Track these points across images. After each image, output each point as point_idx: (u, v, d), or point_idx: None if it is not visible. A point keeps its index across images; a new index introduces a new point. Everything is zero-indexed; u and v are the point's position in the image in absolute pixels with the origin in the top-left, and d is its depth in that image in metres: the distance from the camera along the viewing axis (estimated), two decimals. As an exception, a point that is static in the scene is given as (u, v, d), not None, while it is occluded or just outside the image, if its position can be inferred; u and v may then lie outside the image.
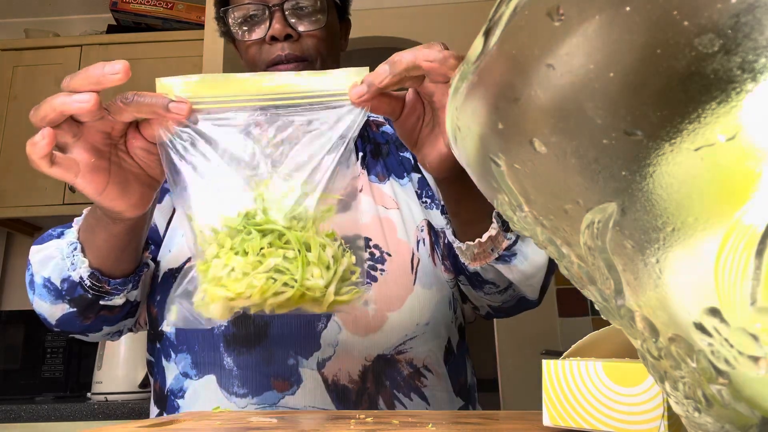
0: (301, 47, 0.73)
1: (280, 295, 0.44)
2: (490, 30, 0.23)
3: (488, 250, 0.63)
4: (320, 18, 0.73)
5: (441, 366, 0.73)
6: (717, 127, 0.19)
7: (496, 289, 0.69)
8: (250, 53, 0.75)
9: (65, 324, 0.68)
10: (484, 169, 0.28)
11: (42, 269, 0.65)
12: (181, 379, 0.70)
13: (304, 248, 0.44)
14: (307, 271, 0.44)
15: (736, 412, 0.20)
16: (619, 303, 0.24)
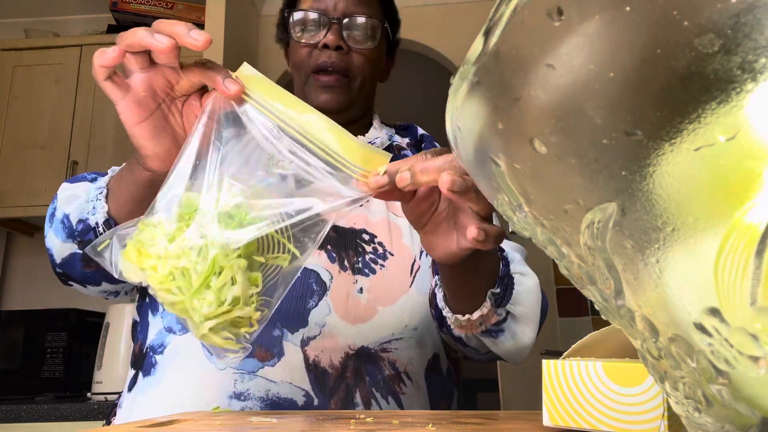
0: (346, 61, 0.78)
1: (170, 294, 0.44)
2: (490, 30, 0.23)
3: (476, 324, 0.63)
4: (371, 41, 0.80)
5: (421, 378, 0.73)
6: (717, 127, 0.19)
7: (477, 353, 0.71)
8: (300, 54, 0.80)
9: (68, 265, 0.69)
10: (484, 169, 0.28)
11: (65, 206, 0.66)
12: (164, 333, 0.70)
13: (213, 270, 0.43)
14: (203, 293, 0.43)
15: (736, 412, 0.20)
16: (619, 303, 0.24)
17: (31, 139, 2.19)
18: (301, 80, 0.81)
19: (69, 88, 2.22)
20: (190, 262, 0.43)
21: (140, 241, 0.44)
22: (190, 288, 0.43)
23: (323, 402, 0.66)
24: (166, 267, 0.43)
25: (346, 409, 0.66)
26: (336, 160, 0.48)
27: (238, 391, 0.65)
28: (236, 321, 0.45)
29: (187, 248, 0.43)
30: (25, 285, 2.40)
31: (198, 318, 0.43)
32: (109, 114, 2.20)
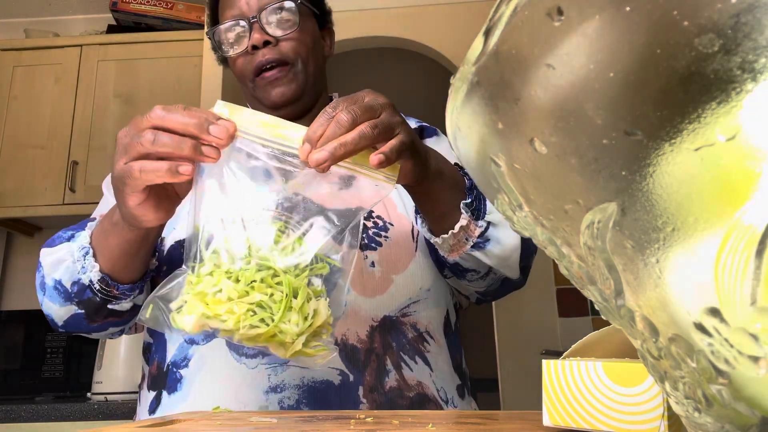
0: (279, 51, 0.79)
1: (253, 329, 0.46)
2: (490, 30, 0.23)
3: (462, 240, 0.66)
4: (294, 24, 0.80)
5: (441, 336, 0.76)
6: (717, 127, 0.19)
7: (478, 275, 0.73)
8: (238, 66, 0.82)
9: (72, 325, 0.71)
10: (484, 169, 0.28)
11: (53, 272, 0.67)
12: (185, 347, 0.70)
13: (291, 293, 0.47)
14: (287, 315, 0.46)
15: (736, 412, 0.20)
16: (619, 303, 0.24)
17: (31, 139, 2.19)
18: (249, 88, 0.82)
19: (69, 88, 2.22)
20: (266, 295, 0.46)
21: (202, 293, 0.46)
22: (271, 317, 0.46)
23: (358, 377, 0.67)
24: (242, 307, 0.45)
25: (380, 378, 0.68)
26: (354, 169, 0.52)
27: (273, 385, 0.66)
28: (318, 331, 0.49)
29: (258, 283, 0.46)
30: (25, 285, 2.40)
31: (290, 339, 0.47)
32: (109, 114, 2.20)
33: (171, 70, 2.22)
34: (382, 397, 0.67)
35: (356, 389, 0.67)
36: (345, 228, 0.51)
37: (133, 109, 2.19)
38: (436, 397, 0.71)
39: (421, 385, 0.70)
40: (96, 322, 0.70)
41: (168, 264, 0.74)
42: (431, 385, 0.71)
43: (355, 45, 2.59)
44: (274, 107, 0.81)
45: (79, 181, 2.12)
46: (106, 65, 2.23)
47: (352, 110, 0.51)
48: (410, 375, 0.70)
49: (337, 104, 0.52)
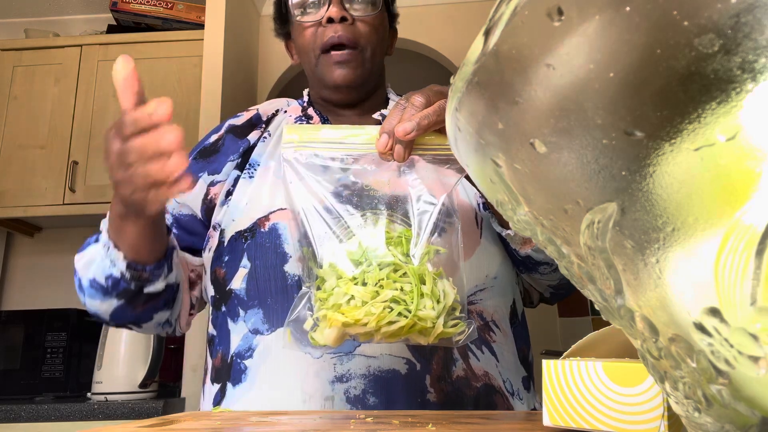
0: (353, 32, 0.79)
1: (393, 323, 0.48)
2: (490, 30, 0.23)
3: None
4: (373, 7, 0.80)
5: (507, 325, 0.75)
6: (717, 127, 0.19)
7: (550, 268, 0.72)
8: (306, 36, 0.80)
9: (118, 317, 0.73)
10: (484, 169, 0.28)
11: (86, 272, 0.70)
12: (250, 337, 0.70)
13: (419, 281, 0.49)
14: (421, 302, 0.48)
15: (736, 412, 0.20)
16: (619, 303, 0.24)
17: (31, 139, 2.19)
18: (312, 63, 0.81)
19: (69, 88, 2.22)
20: (396, 290, 0.48)
21: (336, 304, 0.48)
22: (407, 308, 0.48)
23: (425, 365, 0.66)
24: (378, 306, 0.47)
25: (447, 367, 0.67)
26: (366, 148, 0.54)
27: (339, 374, 0.65)
28: (450, 309, 0.50)
29: (385, 280, 0.48)
30: (25, 285, 2.40)
31: (430, 323, 0.48)
32: (109, 114, 2.20)
33: (171, 70, 2.22)
34: (449, 387, 0.66)
35: (423, 378, 0.65)
36: (432, 212, 0.53)
37: (133, 109, 2.19)
38: (503, 389, 0.70)
39: (488, 375, 0.69)
40: (138, 309, 0.72)
41: (230, 254, 0.74)
42: (497, 376, 0.70)
43: (355, 45, 2.58)
44: (335, 87, 0.80)
45: (79, 181, 2.12)
46: (106, 65, 2.23)
47: (424, 94, 0.54)
48: (477, 365, 0.69)
49: (407, 96, 0.54)
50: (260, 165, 0.79)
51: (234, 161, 0.80)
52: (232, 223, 0.76)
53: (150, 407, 1.65)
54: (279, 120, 0.86)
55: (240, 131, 0.84)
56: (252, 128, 0.84)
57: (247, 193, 0.77)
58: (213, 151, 0.83)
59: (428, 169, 0.55)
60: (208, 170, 0.81)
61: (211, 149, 0.83)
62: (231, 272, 0.73)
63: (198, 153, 0.84)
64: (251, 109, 0.89)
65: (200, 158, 0.83)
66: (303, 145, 0.53)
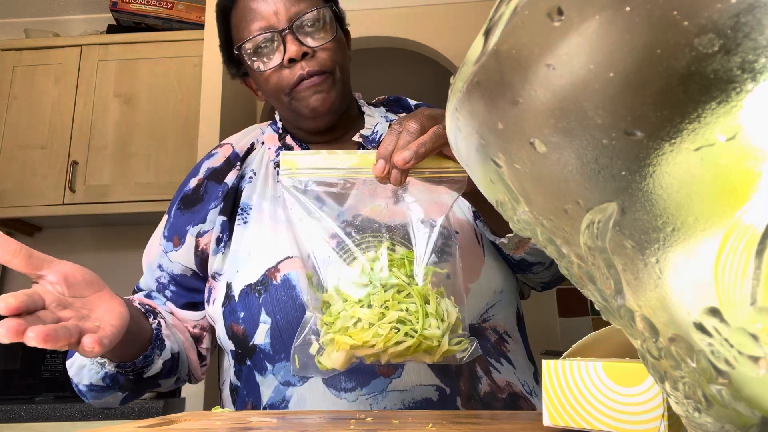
0: (318, 62, 0.76)
1: (400, 344, 0.49)
2: (490, 30, 0.23)
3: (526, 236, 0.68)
4: (328, 31, 0.77)
5: (516, 331, 0.78)
6: (717, 127, 0.19)
7: (543, 266, 0.74)
8: (271, 82, 0.77)
9: (128, 400, 0.75)
10: (484, 169, 0.28)
11: (81, 379, 0.71)
12: (282, 389, 0.70)
13: (423, 301, 0.50)
14: (426, 322, 0.49)
15: (736, 412, 0.20)
16: (619, 303, 0.24)
17: (31, 139, 2.19)
18: (284, 102, 0.79)
19: (69, 88, 2.22)
20: (401, 310, 0.49)
21: (344, 327, 0.49)
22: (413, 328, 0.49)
23: (454, 388, 0.67)
24: (385, 327, 0.48)
25: (474, 385, 0.69)
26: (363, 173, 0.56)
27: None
28: (454, 327, 0.52)
29: (391, 302, 0.49)
30: (25, 285, 2.40)
31: (436, 342, 0.49)
32: (109, 114, 2.20)
33: (171, 70, 2.22)
34: (479, 404, 0.68)
35: (454, 400, 0.67)
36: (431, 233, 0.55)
37: (132, 109, 2.19)
38: (524, 393, 0.72)
39: (510, 384, 0.71)
40: (145, 390, 0.74)
41: (245, 310, 0.73)
42: (517, 383, 0.72)
43: (356, 45, 2.58)
44: (314, 115, 0.78)
45: (79, 181, 2.12)
46: (106, 65, 2.23)
47: (418, 120, 0.54)
48: (499, 377, 0.71)
49: (401, 121, 0.55)
50: (252, 208, 0.79)
51: (217, 207, 0.79)
52: (237, 275, 0.75)
53: (150, 407, 1.65)
54: (259, 155, 0.84)
55: (218, 175, 0.83)
56: (230, 168, 0.83)
57: (246, 240, 0.76)
58: (196, 199, 0.82)
59: (423, 190, 0.56)
60: (193, 222, 0.80)
61: (193, 197, 0.82)
62: (251, 328, 0.72)
63: (180, 202, 0.83)
64: (225, 144, 0.87)
65: (185, 209, 0.82)
66: (301, 172, 0.54)
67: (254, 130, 0.90)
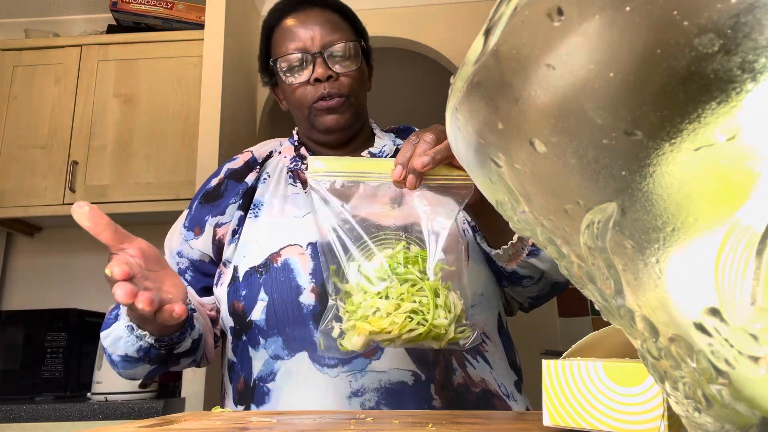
0: (339, 86, 0.88)
1: (413, 331, 0.55)
2: (490, 30, 0.23)
3: (520, 249, 0.75)
4: (353, 62, 0.89)
5: (496, 335, 0.83)
6: (717, 127, 0.19)
7: (532, 281, 0.80)
8: (296, 94, 0.89)
9: (152, 375, 0.82)
10: (484, 169, 0.28)
11: (116, 349, 0.76)
12: (271, 362, 0.78)
13: (434, 295, 0.56)
14: (436, 313, 0.56)
15: (736, 412, 0.20)
16: (619, 303, 0.24)
17: (31, 139, 2.19)
18: (304, 114, 0.90)
19: (69, 88, 2.22)
20: (414, 302, 0.56)
21: (364, 316, 0.56)
22: (424, 318, 0.55)
23: (429, 375, 0.74)
24: (401, 317, 0.55)
25: (448, 376, 0.75)
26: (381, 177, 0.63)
27: (354, 390, 0.72)
28: (458, 318, 0.58)
29: (406, 294, 0.56)
30: (25, 285, 2.40)
31: (443, 330, 0.56)
32: (109, 114, 2.20)
33: (171, 70, 2.22)
34: (452, 393, 0.74)
35: (429, 387, 0.73)
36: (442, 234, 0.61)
37: (132, 109, 2.19)
38: (498, 392, 0.77)
39: (484, 381, 0.77)
40: (169, 365, 0.81)
41: (247, 288, 0.81)
42: (493, 382, 0.77)
43: (355, 45, 2.58)
44: (328, 131, 0.90)
45: (79, 181, 2.12)
46: (106, 65, 2.23)
47: (434, 132, 0.62)
48: (474, 372, 0.76)
49: (418, 133, 0.63)
50: (264, 204, 0.89)
51: (236, 203, 0.89)
52: (244, 260, 0.83)
53: (150, 407, 1.65)
54: (276, 161, 0.95)
55: (238, 175, 0.93)
56: (249, 170, 0.94)
57: (255, 231, 0.86)
58: (217, 195, 0.92)
59: (433, 197, 0.63)
60: (213, 213, 0.90)
61: (214, 194, 0.93)
62: (250, 305, 0.80)
63: (202, 197, 0.93)
64: (246, 152, 0.98)
65: (205, 203, 0.92)
66: (327, 174, 0.61)
67: (274, 141, 1.02)
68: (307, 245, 0.80)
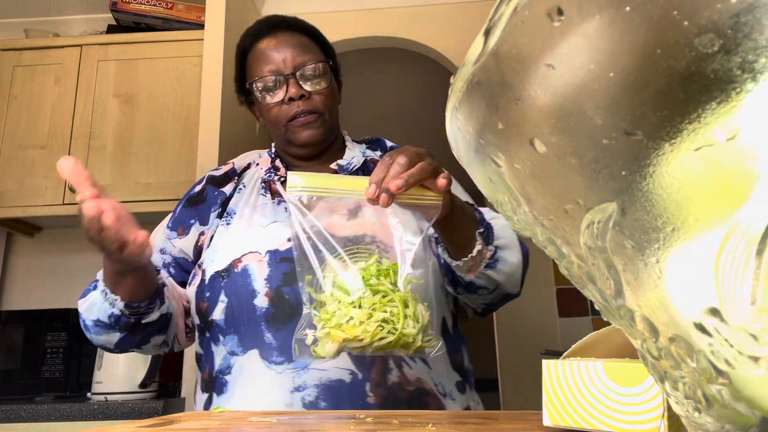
0: (312, 103, 0.96)
1: (383, 339, 0.58)
2: (490, 30, 0.23)
3: (478, 262, 0.80)
4: (324, 80, 0.97)
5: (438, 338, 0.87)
6: (717, 127, 0.19)
7: (487, 291, 0.86)
8: (272, 113, 0.97)
9: (122, 345, 0.90)
10: (484, 169, 0.28)
11: (90, 314, 0.86)
12: (228, 357, 0.86)
13: (404, 305, 0.60)
14: (405, 323, 0.59)
15: (736, 412, 0.20)
16: (619, 303, 0.24)
17: (31, 139, 2.19)
18: (280, 132, 0.98)
19: (69, 88, 2.22)
20: (385, 312, 0.59)
21: (338, 324, 0.59)
22: (394, 327, 0.59)
23: (365, 374, 0.80)
24: (372, 326, 0.58)
25: (384, 375, 0.80)
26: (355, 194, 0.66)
27: (297, 385, 0.79)
28: (426, 328, 0.62)
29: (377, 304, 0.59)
30: (25, 285, 2.40)
31: (412, 338, 0.60)
32: (109, 114, 2.20)
33: (171, 70, 2.22)
34: (386, 391, 0.79)
35: (364, 385, 0.79)
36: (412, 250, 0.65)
37: (132, 109, 2.19)
38: (434, 391, 0.82)
39: (420, 380, 0.81)
40: (137, 337, 0.88)
41: (210, 291, 0.89)
42: (429, 381, 0.82)
43: (355, 45, 2.58)
44: (303, 146, 0.98)
45: (79, 181, 2.12)
46: (106, 65, 2.23)
47: (407, 155, 0.66)
48: (410, 372, 0.81)
49: (392, 155, 0.67)
50: (236, 213, 0.96)
51: (216, 211, 0.98)
52: (212, 264, 0.91)
53: (150, 407, 1.65)
54: (252, 172, 1.03)
55: (217, 182, 1.02)
56: (228, 180, 1.02)
57: (224, 238, 0.94)
58: (200, 200, 1.01)
59: (404, 214, 0.68)
60: (199, 220, 0.99)
61: (197, 198, 1.01)
62: (212, 306, 0.89)
63: (186, 201, 1.02)
64: (229, 163, 1.07)
65: (189, 206, 1.01)
66: (305, 190, 0.64)
67: (254, 153, 1.10)
68: (266, 252, 0.87)
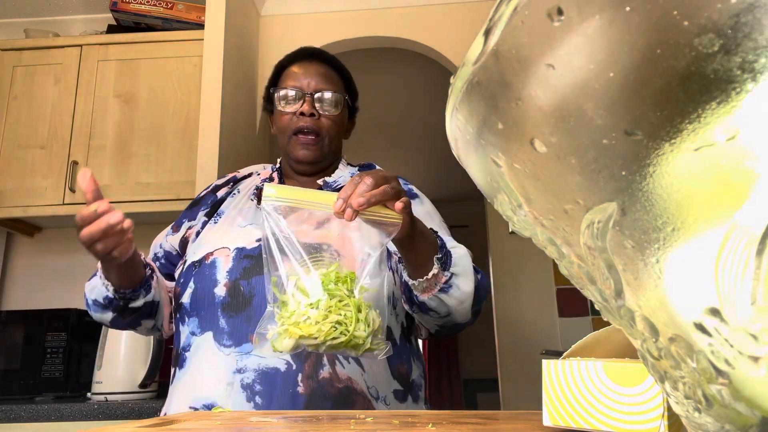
0: (318, 124, 1.09)
1: (336, 339, 0.65)
2: (490, 30, 0.23)
3: (433, 284, 0.88)
4: (335, 108, 1.11)
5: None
6: (717, 127, 0.19)
7: (437, 315, 0.93)
8: (283, 120, 1.11)
9: (115, 324, 1.05)
10: (484, 169, 0.28)
11: (91, 294, 1.02)
12: (189, 336, 0.97)
13: (357, 310, 0.66)
14: (357, 326, 0.66)
15: (736, 412, 0.20)
16: (619, 303, 0.24)
17: (31, 139, 2.19)
18: (285, 140, 1.11)
19: (69, 88, 2.22)
20: (340, 315, 0.65)
21: (296, 322, 0.65)
22: (347, 329, 0.65)
23: (299, 365, 0.88)
24: (326, 326, 0.64)
25: (316, 369, 0.88)
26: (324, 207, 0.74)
27: (239, 367, 0.89)
28: (376, 332, 0.68)
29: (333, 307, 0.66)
30: (25, 285, 2.40)
31: (362, 341, 0.66)
32: (109, 114, 2.20)
33: (171, 70, 2.22)
34: (315, 384, 0.87)
35: (296, 375, 0.87)
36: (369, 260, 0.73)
37: (132, 109, 2.19)
38: (365, 392, 0.90)
39: (351, 380, 0.89)
40: (127, 319, 1.03)
41: (184, 278, 1.02)
42: (362, 382, 0.90)
43: (355, 45, 2.58)
44: (298, 161, 1.11)
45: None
46: (106, 65, 2.23)
47: (374, 177, 0.74)
48: (342, 371, 0.89)
49: (360, 176, 0.74)
50: (224, 214, 1.08)
51: (204, 210, 1.11)
52: (192, 255, 1.03)
53: (150, 407, 1.65)
54: (250, 180, 1.15)
55: (216, 189, 1.15)
56: (226, 185, 1.16)
57: (208, 234, 1.05)
58: (196, 203, 1.16)
59: (366, 228, 0.75)
60: (189, 218, 1.13)
61: (195, 202, 1.16)
62: (183, 290, 1.01)
63: (189, 205, 1.17)
64: (234, 173, 1.20)
65: (188, 210, 1.16)
66: (279, 200, 0.71)
67: (258, 165, 1.23)
68: (233, 249, 0.98)
